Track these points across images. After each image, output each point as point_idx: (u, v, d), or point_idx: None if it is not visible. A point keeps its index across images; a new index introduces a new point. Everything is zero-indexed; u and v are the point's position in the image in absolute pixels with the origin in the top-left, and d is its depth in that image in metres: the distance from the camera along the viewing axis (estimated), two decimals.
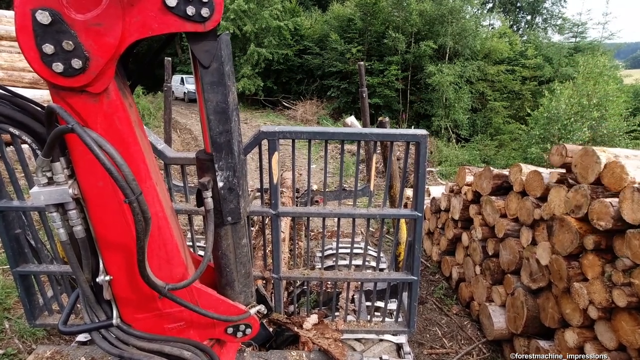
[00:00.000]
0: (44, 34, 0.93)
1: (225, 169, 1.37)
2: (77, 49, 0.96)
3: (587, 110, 9.17)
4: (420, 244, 2.07)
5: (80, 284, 1.27)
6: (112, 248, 1.28)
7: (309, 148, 1.96)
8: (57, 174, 1.11)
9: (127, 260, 1.30)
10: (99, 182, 1.17)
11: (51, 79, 0.99)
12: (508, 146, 13.42)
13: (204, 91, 1.22)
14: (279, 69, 19.03)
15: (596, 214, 2.88)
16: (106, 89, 1.06)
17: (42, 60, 0.95)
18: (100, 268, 1.29)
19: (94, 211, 1.21)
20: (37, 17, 0.90)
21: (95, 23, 0.95)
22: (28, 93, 7.36)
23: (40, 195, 1.09)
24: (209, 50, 1.15)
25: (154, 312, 1.43)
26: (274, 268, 2.16)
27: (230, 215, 1.46)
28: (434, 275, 5.41)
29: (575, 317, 3.07)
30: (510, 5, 25.77)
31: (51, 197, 1.10)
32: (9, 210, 1.92)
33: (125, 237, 1.26)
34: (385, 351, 2.33)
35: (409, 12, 16.08)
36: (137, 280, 1.31)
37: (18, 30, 0.92)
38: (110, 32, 0.98)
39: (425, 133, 1.83)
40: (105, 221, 1.23)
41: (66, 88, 1.02)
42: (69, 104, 1.05)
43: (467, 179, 4.78)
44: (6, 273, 3.92)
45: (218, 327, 1.62)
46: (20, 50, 0.95)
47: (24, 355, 3.13)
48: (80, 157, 1.12)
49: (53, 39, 0.94)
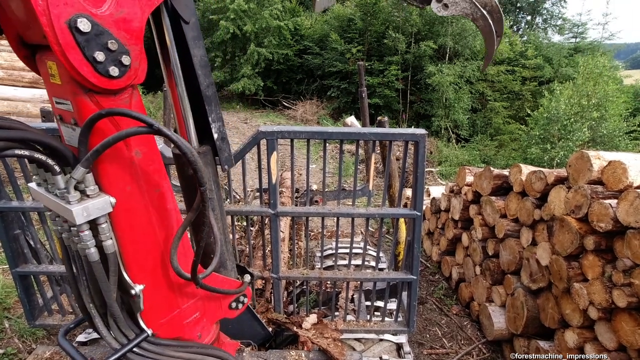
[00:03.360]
0: (88, 43, 0.87)
1: (217, 120, 1.40)
2: (119, 45, 0.93)
3: (587, 111, 9.16)
4: (419, 244, 2.07)
5: (111, 305, 1.19)
6: (140, 255, 1.22)
7: (308, 148, 1.96)
8: (90, 186, 1.03)
9: (153, 265, 1.27)
10: (127, 186, 1.11)
11: (109, 86, 0.95)
12: (508, 146, 13.41)
13: (190, 47, 1.22)
14: (279, 69, 19.02)
15: (596, 215, 2.88)
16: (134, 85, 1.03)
17: (98, 71, 0.90)
18: (126, 281, 1.21)
19: (120, 219, 1.14)
20: (80, 27, 0.85)
21: (119, 11, 0.92)
22: (28, 93, 7.37)
23: (83, 212, 1.01)
24: (188, 4, 1.17)
25: (174, 310, 1.41)
26: (273, 268, 2.16)
27: (226, 164, 1.50)
28: (433, 275, 5.40)
29: (575, 317, 3.07)
30: (510, 5, 25.76)
31: (94, 211, 1.04)
32: (8, 211, 1.92)
33: (150, 241, 1.23)
34: (385, 351, 2.32)
35: (409, 12, 16.08)
36: (161, 283, 1.30)
37: (65, 50, 0.85)
38: (134, 16, 0.95)
39: (424, 132, 1.83)
40: (133, 227, 1.17)
41: (117, 90, 0.98)
42: (104, 108, 0.99)
43: (467, 179, 4.78)
44: (6, 273, 3.92)
45: (223, 306, 1.64)
46: (68, 69, 0.87)
47: (24, 354, 3.13)
48: (110, 162, 1.06)
49: (98, 45, 0.89)
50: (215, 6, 16.96)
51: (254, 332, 2.23)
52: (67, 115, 1.04)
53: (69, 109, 1.01)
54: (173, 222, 1.28)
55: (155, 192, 1.20)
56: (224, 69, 17.88)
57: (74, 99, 0.97)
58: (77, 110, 0.99)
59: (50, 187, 1.07)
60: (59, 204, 1.04)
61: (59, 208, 1.05)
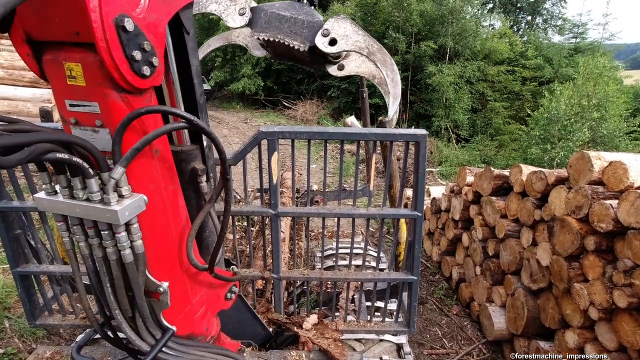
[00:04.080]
0: (129, 42, 0.92)
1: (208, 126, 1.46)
2: (150, 47, 0.97)
3: (587, 111, 9.16)
4: (420, 244, 2.06)
5: (142, 305, 1.20)
6: (160, 253, 1.23)
7: (309, 148, 1.95)
8: (124, 186, 1.03)
9: (171, 262, 1.29)
10: (150, 184, 1.13)
11: (141, 85, 0.98)
12: (508, 147, 13.41)
13: (190, 57, 1.27)
14: (280, 69, 19.03)
15: (597, 216, 2.87)
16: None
17: (133, 69, 0.94)
18: (150, 279, 1.21)
19: (144, 217, 1.14)
20: (126, 26, 0.89)
21: (150, 16, 0.97)
22: (28, 92, 7.37)
23: (125, 212, 1.02)
24: (190, 16, 1.23)
25: (187, 306, 1.42)
26: (273, 268, 2.16)
27: (212, 171, 1.55)
28: (434, 275, 5.40)
29: (576, 317, 3.07)
30: (510, 5, 25.76)
31: (133, 210, 1.05)
32: (9, 211, 1.92)
33: (168, 238, 1.25)
34: (386, 351, 2.32)
35: (410, 13, 16.07)
36: (178, 279, 1.32)
37: (111, 47, 0.88)
38: (160, 21, 1.01)
39: (425, 133, 1.83)
40: (154, 225, 1.18)
41: (145, 90, 1.00)
42: (134, 109, 1.01)
43: (467, 179, 4.78)
44: (6, 272, 3.92)
45: (220, 297, 1.66)
46: (108, 67, 0.90)
47: (24, 354, 3.13)
48: (136, 161, 1.07)
49: (135, 44, 0.93)
50: None
51: (254, 332, 2.23)
52: (86, 117, 1.03)
53: (92, 111, 1.01)
54: (183, 218, 1.32)
55: (170, 189, 1.23)
56: (224, 69, 17.88)
57: (105, 100, 0.98)
58: (107, 111, 1.00)
59: (77, 193, 1.04)
60: (91, 208, 1.03)
61: (92, 212, 1.03)
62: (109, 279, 1.16)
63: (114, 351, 2.08)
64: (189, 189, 1.42)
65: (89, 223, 1.08)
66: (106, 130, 1.03)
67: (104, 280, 1.15)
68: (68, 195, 1.06)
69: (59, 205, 1.08)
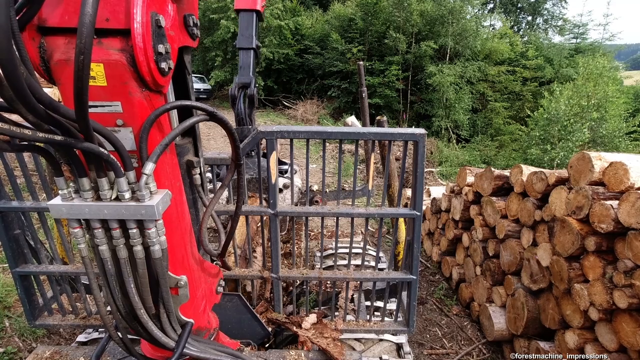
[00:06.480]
0: (158, 36, 0.99)
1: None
2: (169, 50, 1.04)
3: (586, 111, 9.16)
4: (419, 243, 2.06)
5: (168, 300, 1.21)
6: (173, 247, 1.24)
7: (307, 148, 1.95)
8: (152, 182, 1.04)
9: (183, 256, 1.31)
10: (166, 180, 1.14)
11: (157, 78, 1.01)
12: (508, 147, 13.41)
13: (188, 69, 1.38)
14: (280, 69, 19.04)
15: (597, 217, 2.87)
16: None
17: (156, 59, 0.98)
18: (169, 274, 1.23)
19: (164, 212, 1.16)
20: (160, 20, 0.98)
21: (171, 30, 1.07)
22: None
23: (159, 206, 1.03)
24: (190, 61, 1.39)
25: (194, 300, 1.43)
26: (272, 268, 2.16)
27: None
28: (434, 275, 5.40)
29: (576, 318, 3.06)
30: (511, 5, 25.75)
31: (164, 205, 1.06)
32: (8, 211, 1.92)
33: (179, 232, 1.27)
34: (385, 351, 2.32)
35: (410, 12, 16.07)
36: (189, 273, 1.35)
37: (145, 31, 0.94)
38: (176, 40, 1.11)
39: (423, 132, 1.83)
40: (170, 220, 1.20)
41: (159, 87, 1.05)
42: (154, 107, 1.05)
43: (467, 179, 4.77)
44: (6, 272, 3.92)
45: (213, 290, 1.68)
46: (136, 50, 0.94)
47: (24, 353, 3.13)
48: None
49: (161, 41, 1.00)
50: (216, 5, 16.97)
51: (253, 331, 2.23)
52: (105, 118, 1.01)
53: (113, 111, 1.00)
54: (187, 212, 1.36)
55: (177, 184, 1.26)
56: (225, 68, 17.88)
57: (130, 99, 0.99)
58: (131, 110, 1.00)
59: (105, 193, 1.02)
60: (123, 207, 1.01)
61: (124, 211, 1.02)
62: (133, 278, 1.14)
63: (114, 351, 2.08)
64: (184, 182, 1.45)
65: (114, 224, 1.05)
66: (128, 129, 1.02)
67: (128, 281, 1.13)
68: (93, 197, 1.03)
69: (82, 209, 1.02)
